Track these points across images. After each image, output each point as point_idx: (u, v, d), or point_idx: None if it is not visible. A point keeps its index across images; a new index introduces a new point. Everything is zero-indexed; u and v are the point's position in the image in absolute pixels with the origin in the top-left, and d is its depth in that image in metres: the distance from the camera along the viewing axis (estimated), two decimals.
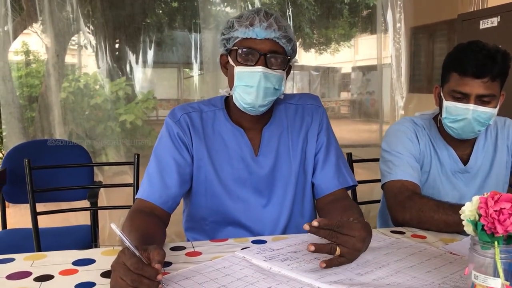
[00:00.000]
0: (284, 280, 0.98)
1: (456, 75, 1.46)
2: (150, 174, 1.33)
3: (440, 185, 1.58)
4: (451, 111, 1.47)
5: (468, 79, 1.43)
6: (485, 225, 0.83)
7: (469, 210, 0.86)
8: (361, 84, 8.31)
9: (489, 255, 0.83)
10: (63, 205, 2.60)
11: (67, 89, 3.82)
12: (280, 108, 1.46)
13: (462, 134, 1.49)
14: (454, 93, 1.46)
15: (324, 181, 1.41)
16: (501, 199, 0.83)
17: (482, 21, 2.84)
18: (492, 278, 0.82)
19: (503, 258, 0.82)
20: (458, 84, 1.45)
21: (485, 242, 0.83)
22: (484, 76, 1.41)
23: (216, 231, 1.41)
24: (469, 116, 1.44)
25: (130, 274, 0.87)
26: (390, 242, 1.23)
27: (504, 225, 0.81)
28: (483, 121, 1.45)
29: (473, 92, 1.43)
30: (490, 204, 0.83)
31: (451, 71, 1.48)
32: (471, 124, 1.45)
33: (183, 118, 1.38)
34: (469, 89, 1.43)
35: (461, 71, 1.44)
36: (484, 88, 1.42)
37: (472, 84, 1.42)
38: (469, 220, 0.85)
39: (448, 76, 1.49)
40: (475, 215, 0.85)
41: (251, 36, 1.29)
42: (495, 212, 0.82)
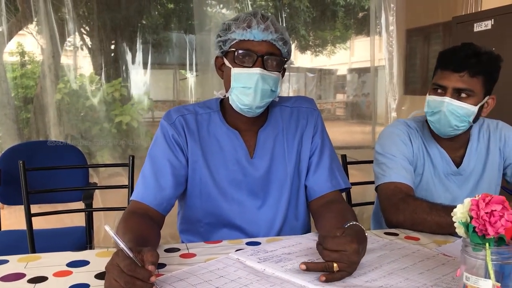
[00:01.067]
0: (278, 282, 0.99)
1: (439, 70, 1.51)
2: (145, 176, 1.33)
3: (433, 188, 1.59)
4: (430, 104, 1.52)
5: (447, 72, 1.47)
6: (476, 227, 0.83)
7: (460, 212, 0.87)
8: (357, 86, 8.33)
9: (481, 256, 0.83)
10: (58, 206, 2.60)
11: (62, 90, 3.81)
12: (275, 110, 1.47)
13: (440, 128, 1.51)
14: (433, 86, 1.52)
15: (317, 184, 1.42)
16: (492, 201, 0.84)
17: (476, 24, 2.86)
18: (483, 279, 0.83)
19: (494, 260, 0.82)
20: (439, 78, 1.50)
21: (476, 244, 0.84)
22: (462, 70, 1.45)
23: (211, 233, 1.41)
24: (444, 108, 1.47)
25: (123, 276, 0.88)
26: (384, 243, 1.24)
27: (495, 227, 0.82)
28: (459, 116, 1.46)
29: (449, 85, 1.47)
30: (481, 206, 0.84)
31: (437, 68, 1.53)
32: (446, 118, 1.47)
33: (178, 120, 1.39)
34: (447, 82, 1.47)
35: (443, 66, 1.49)
36: (461, 82, 1.45)
37: (449, 77, 1.47)
38: (461, 222, 0.86)
39: (434, 72, 1.55)
40: (466, 217, 0.86)
41: (249, 38, 1.30)
42: (486, 214, 0.83)
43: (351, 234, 1.02)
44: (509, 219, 0.82)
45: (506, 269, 0.83)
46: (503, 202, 0.84)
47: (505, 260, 0.83)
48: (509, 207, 0.84)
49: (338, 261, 0.97)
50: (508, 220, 0.82)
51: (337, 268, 0.97)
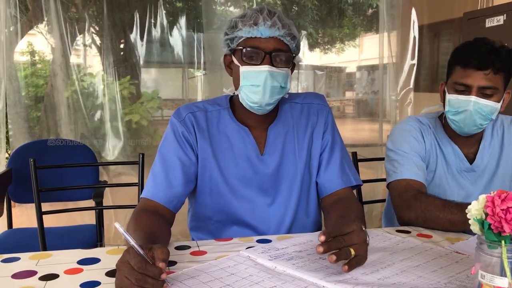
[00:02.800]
0: (289, 279, 0.98)
1: (459, 68, 1.47)
2: (155, 174, 1.33)
3: (446, 184, 1.58)
4: (453, 103, 1.48)
5: (471, 71, 1.43)
6: (491, 224, 0.82)
7: (475, 209, 0.86)
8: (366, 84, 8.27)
9: (496, 254, 0.82)
10: (69, 204, 2.61)
11: (72, 88, 3.83)
12: (285, 107, 1.46)
13: (464, 127, 1.48)
14: (456, 85, 1.47)
15: (328, 181, 1.41)
16: (508, 197, 0.82)
17: (488, 19, 2.82)
18: (499, 277, 0.81)
19: (510, 258, 0.81)
20: (461, 76, 1.46)
21: (491, 241, 0.83)
22: (486, 68, 1.41)
23: (221, 231, 1.41)
24: (470, 107, 1.44)
25: (134, 273, 0.87)
26: (396, 241, 1.23)
27: (511, 224, 0.80)
28: (484, 114, 1.44)
29: (474, 84, 1.43)
30: (496, 203, 0.82)
31: (455, 64, 1.49)
32: (472, 117, 1.45)
33: (188, 118, 1.38)
34: (471, 80, 1.43)
35: (464, 63, 1.45)
36: (486, 80, 1.42)
37: (474, 75, 1.43)
38: (476, 219, 0.85)
39: (452, 70, 1.50)
40: (481, 214, 0.85)
41: (256, 35, 1.28)
42: (502, 211, 0.81)
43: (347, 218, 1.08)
44: None
45: None
46: None
47: None
48: None
49: (351, 242, 0.98)
50: None
51: (353, 252, 0.97)
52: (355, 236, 0.99)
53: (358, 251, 0.98)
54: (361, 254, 1.00)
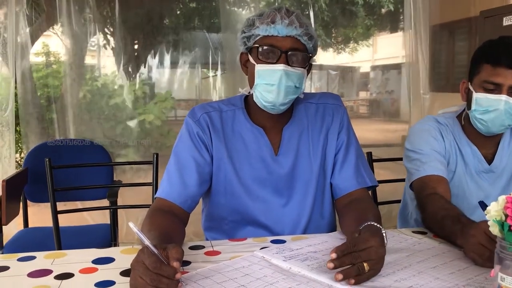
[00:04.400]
0: (304, 280, 0.97)
1: (488, 66, 1.43)
2: (170, 173, 1.33)
3: (465, 185, 1.55)
4: (481, 102, 1.44)
5: (502, 69, 1.40)
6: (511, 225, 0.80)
7: (495, 210, 0.84)
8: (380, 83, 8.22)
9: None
10: (84, 204, 2.63)
11: (86, 89, 3.86)
12: (300, 107, 1.45)
13: (492, 127, 1.45)
14: (485, 84, 1.43)
15: (343, 181, 1.39)
16: None
17: (505, 18, 2.78)
18: None
19: None
20: (491, 74, 1.42)
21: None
22: None
23: (235, 231, 1.40)
24: (501, 107, 1.40)
25: (149, 273, 0.87)
26: (412, 243, 1.21)
27: None
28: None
29: (506, 83, 1.40)
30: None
31: (483, 62, 1.45)
32: (501, 116, 1.41)
33: (203, 118, 1.38)
34: (502, 79, 1.40)
35: (494, 61, 1.41)
36: None
37: (505, 74, 1.39)
38: (495, 220, 0.83)
39: (479, 68, 1.46)
40: (501, 215, 0.83)
41: (273, 34, 1.27)
42: None
43: (369, 230, 1.03)
44: None
45: None
46: None
47: None
48: None
49: (367, 258, 0.95)
50: None
51: (367, 267, 0.94)
52: (373, 252, 0.96)
53: (373, 266, 0.96)
54: (375, 270, 0.97)
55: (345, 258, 0.95)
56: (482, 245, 1.04)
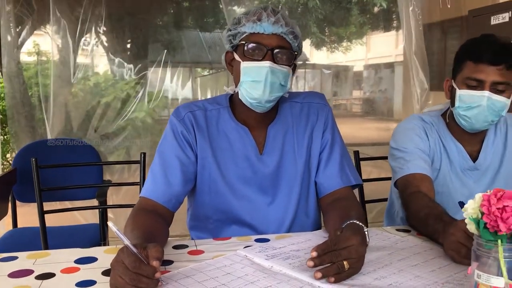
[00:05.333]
0: (285, 279, 0.97)
1: (470, 63, 1.44)
2: (154, 173, 1.33)
3: (450, 183, 1.56)
4: (464, 99, 1.45)
5: (484, 66, 1.41)
6: (487, 223, 0.81)
7: (471, 208, 0.84)
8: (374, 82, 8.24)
9: (493, 253, 0.81)
10: (74, 204, 2.62)
11: (78, 88, 3.85)
12: (285, 106, 1.45)
13: (475, 123, 1.46)
14: (468, 80, 1.44)
15: (327, 180, 1.40)
16: (504, 196, 0.81)
17: (493, 17, 2.80)
18: (495, 277, 0.80)
19: (507, 257, 0.80)
20: (473, 71, 1.43)
21: (488, 240, 0.81)
22: (499, 63, 1.39)
23: (220, 230, 1.40)
24: (483, 103, 1.41)
25: (128, 272, 0.87)
26: (395, 241, 1.22)
27: (507, 223, 0.79)
28: (497, 110, 1.42)
29: (488, 79, 1.41)
30: (492, 202, 0.81)
31: (466, 60, 1.46)
32: (484, 112, 1.42)
33: (187, 117, 1.38)
34: (484, 76, 1.41)
35: (477, 58, 1.42)
36: (500, 76, 1.40)
37: (487, 71, 1.41)
38: (471, 218, 0.83)
39: (462, 65, 1.47)
40: (477, 213, 0.83)
41: (259, 31, 1.28)
42: (498, 209, 0.80)
43: (350, 229, 1.03)
44: None
45: None
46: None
47: None
48: None
49: (348, 257, 0.95)
50: None
51: (348, 266, 0.95)
52: (354, 251, 0.96)
53: (354, 264, 0.96)
54: (355, 268, 0.97)
55: (325, 257, 0.95)
56: (461, 242, 1.04)
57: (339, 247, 0.96)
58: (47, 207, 1.85)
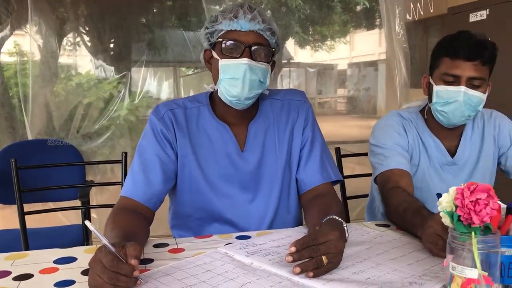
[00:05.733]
0: (265, 275, 0.98)
1: (447, 59, 1.46)
2: (134, 172, 1.32)
3: (428, 178, 1.58)
4: (442, 94, 1.47)
5: (460, 61, 1.43)
6: (461, 216, 0.82)
7: (446, 202, 0.86)
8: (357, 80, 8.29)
9: (467, 246, 0.82)
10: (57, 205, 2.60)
11: (60, 88, 3.81)
12: (265, 103, 1.45)
13: (453, 118, 1.48)
14: (445, 76, 1.46)
15: (308, 176, 1.41)
16: (477, 189, 0.82)
17: (471, 14, 2.84)
18: (469, 268, 0.82)
19: (480, 249, 0.81)
20: (450, 67, 1.45)
21: (462, 233, 0.83)
22: (475, 59, 1.42)
23: (202, 228, 1.40)
24: (460, 98, 1.44)
25: (106, 271, 0.87)
26: (374, 235, 1.23)
27: (480, 215, 0.80)
28: (473, 105, 1.45)
29: (464, 74, 1.43)
30: (466, 195, 0.82)
31: (442, 56, 1.48)
32: (461, 107, 1.45)
33: (167, 115, 1.38)
34: (460, 71, 1.43)
35: (453, 54, 1.44)
36: (475, 71, 1.43)
37: (463, 66, 1.43)
38: (446, 211, 0.85)
39: (439, 61, 1.50)
40: (452, 206, 0.85)
41: (236, 28, 1.28)
42: (471, 202, 0.81)
43: (330, 224, 1.04)
44: (494, 207, 0.81)
45: (493, 257, 0.82)
46: (488, 190, 0.82)
47: (491, 249, 0.82)
48: (494, 195, 0.82)
49: (326, 252, 0.96)
50: (493, 208, 0.81)
51: (326, 260, 0.96)
52: (332, 246, 0.96)
53: (332, 259, 0.97)
54: (333, 263, 0.98)
55: (304, 252, 0.95)
56: (438, 235, 1.06)
57: (318, 242, 0.96)
58: (30, 209, 1.83)
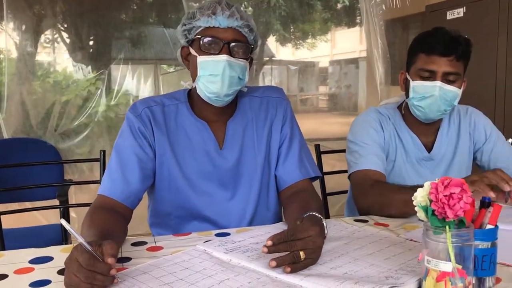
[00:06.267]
0: (243, 271, 0.98)
1: (423, 55, 1.50)
2: (111, 170, 1.31)
3: (405, 173, 1.60)
4: (418, 90, 1.50)
5: (435, 57, 1.46)
6: (435, 210, 0.83)
7: (421, 196, 0.87)
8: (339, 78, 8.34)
9: (442, 239, 0.83)
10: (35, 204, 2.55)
11: (37, 86, 3.75)
12: (244, 100, 1.45)
13: (429, 113, 1.51)
14: (421, 71, 1.50)
15: (286, 173, 1.41)
16: (451, 184, 0.83)
17: (448, 12, 2.89)
18: (444, 262, 0.83)
19: (455, 242, 0.82)
20: (425, 62, 1.49)
21: (436, 227, 0.84)
22: (450, 54, 1.45)
23: (181, 226, 1.40)
24: (436, 93, 1.46)
25: (83, 270, 0.86)
26: (352, 231, 1.24)
27: (454, 209, 0.82)
28: (449, 99, 1.48)
29: (440, 70, 1.46)
30: (440, 189, 0.83)
31: (418, 52, 1.52)
32: (437, 102, 1.47)
33: (145, 112, 1.37)
34: (436, 66, 1.46)
35: (428, 50, 1.48)
36: (450, 66, 1.46)
37: (439, 62, 1.46)
38: (420, 205, 0.86)
39: (415, 58, 1.53)
40: (426, 200, 0.86)
41: (214, 25, 1.28)
42: (445, 197, 0.82)
43: (311, 220, 1.04)
44: (467, 201, 0.82)
45: (466, 251, 0.84)
46: (462, 185, 0.84)
47: (465, 242, 0.83)
48: (468, 189, 0.84)
49: (304, 247, 0.96)
50: (466, 202, 0.82)
51: (303, 256, 0.96)
52: (311, 242, 0.97)
53: (310, 255, 0.97)
54: (311, 259, 0.98)
55: (280, 246, 0.95)
56: None
57: (296, 237, 0.96)
58: (7, 209, 1.80)
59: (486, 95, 2.71)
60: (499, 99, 2.67)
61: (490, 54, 2.67)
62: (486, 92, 2.71)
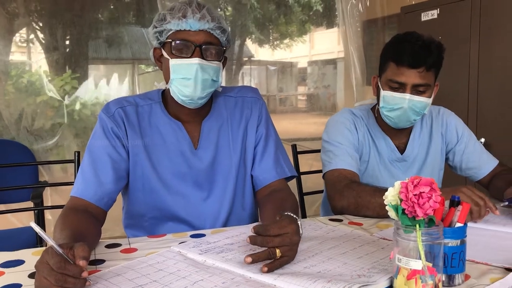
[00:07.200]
0: (217, 272, 0.98)
1: (393, 64, 1.49)
2: (84, 171, 1.29)
3: (378, 174, 1.62)
4: (388, 100, 1.51)
5: (404, 69, 1.46)
6: (405, 209, 0.85)
7: (391, 195, 0.88)
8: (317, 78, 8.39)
9: (412, 238, 0.85)
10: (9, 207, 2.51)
11: (11, 86, 3.68)
12: (219, 100, 1.45)
13: (399, 123, 1.53)
14: (391, 82, 1.50)
15: (262, 173, 1.42)
16: (420, 183, 0.85)
17: (423, 13, 2.93)
18: (414, 260, 0.84)
19: (425, 241, 0.84)
20: (395, 73, 1.48)
21: (407, 225, 0.85)
22: (419, 66, 1.45)
23: (156, 227, 1.39)
24: (405, 105, 1.47)
25: (53, 273, 0.85)
26: (326, 230, 1.25)
27: (423, 208, 0.83)
28: (418, 110, 1.49)
29: (409, 82, 1.46)
30: (410, 188, 0.85)
31: (389, 60, 1.51)
32: (407, 113, 1.49)
33: (118, 113, 1.35)
34: (405, 78, 1.46)
35: (398, 61, 1.47)
36: (420, 78, 1.46)
37: (408, 74, 1.46)
38: (391, 204, 0.87)
39: (385, 65, 1.53)
40: (397, 200, 0.87)
41: (185, 28, 1.27)
42: (415, 196, 0.84)
43: (288, 217, 1.04)
44: (436, 200, 0.84)
45: (436, 249, 0.85)
46: (431, 184, 0.85)
47: (435, 241, 0.85)
48: (437, 188, 0.85)
49: (281, 244, 0.96)
50: (436, 201, 0.84)
51: (279, 253, 0.96)
52: (288, 239, 0.97)
53: (286, 253, 0.97)
54: (288, 256, 0.98)
55: (256, 239, 0.96)
56: None
57: (273, 233, 0.97)
58: None
59: (460, 95, 2.76)
60: (472, 99, 2.73)
61: (463, 55, 2.72)
62: (459, 92, 2.76)
